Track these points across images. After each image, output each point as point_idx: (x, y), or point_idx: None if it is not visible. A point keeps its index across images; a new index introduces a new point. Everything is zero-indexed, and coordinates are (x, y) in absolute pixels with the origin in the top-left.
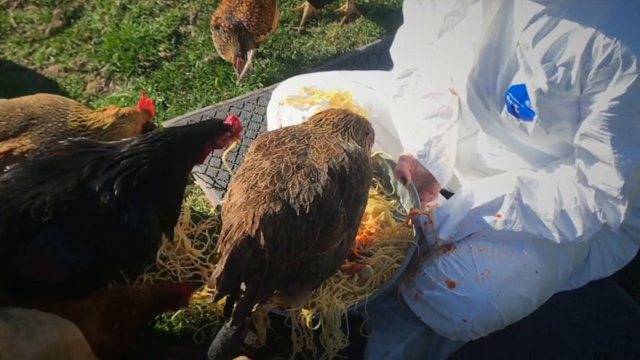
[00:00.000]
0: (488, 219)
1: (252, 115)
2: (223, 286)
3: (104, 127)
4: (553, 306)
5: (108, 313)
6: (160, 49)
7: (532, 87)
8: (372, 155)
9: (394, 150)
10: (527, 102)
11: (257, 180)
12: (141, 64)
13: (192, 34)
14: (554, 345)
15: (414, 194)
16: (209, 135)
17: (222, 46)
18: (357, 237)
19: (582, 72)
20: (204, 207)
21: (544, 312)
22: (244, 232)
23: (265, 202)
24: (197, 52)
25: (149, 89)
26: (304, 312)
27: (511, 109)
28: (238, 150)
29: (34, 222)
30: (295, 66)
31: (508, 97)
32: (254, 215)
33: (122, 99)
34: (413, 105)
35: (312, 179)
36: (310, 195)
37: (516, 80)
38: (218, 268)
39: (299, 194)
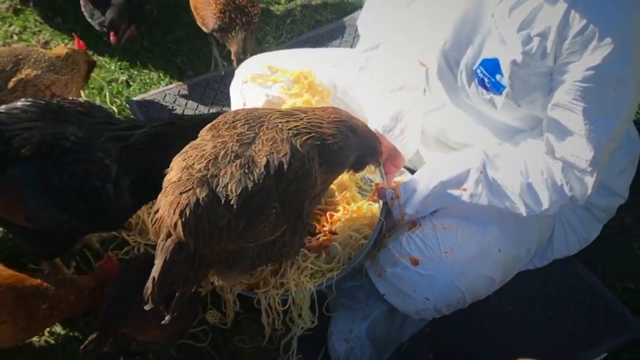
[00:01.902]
0: (454, 192)
1: (216, 94)
2: (156, 300)
3: (63, 56)
4: (517, 285)
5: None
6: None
7: (506, 58)
8: None
9: None
10: (497, 77)
11: (194, 162)
12: (104, 40)
13: (155, 12)
14: (517, 323)
15: (379, 168)
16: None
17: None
18: (323, 213)
19: (557, 42)
20: None
21: (507, 290)
22: (172, 241)
23: (192, 188)
24: (161, 30)
25: (113, 67)
26: (273, 292)
27: (481, 83)
28: None
29: (14, 151)
30: (259, 45)
31: (479, 71)
32: (176, 206)
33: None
34: (379, 78)
35: (246, 170)
36: (237, 187)
37: (488, 54)
38: (148, 284)
39: (227, 183)
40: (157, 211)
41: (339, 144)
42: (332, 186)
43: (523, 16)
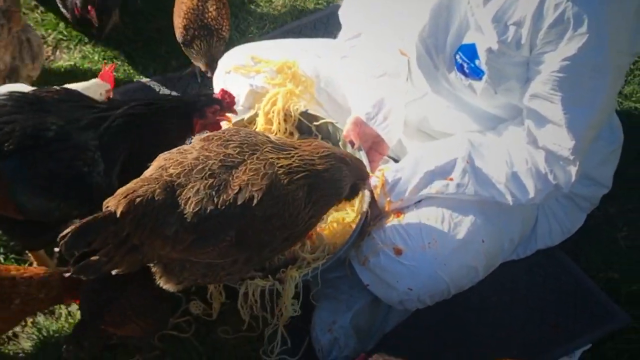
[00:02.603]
0: (440, 182)
1: (199, 87)
2: (68, 246)
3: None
4: (500, 275)
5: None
6: None
7: (483, 46)
8: (320, 122)
9: (341, 117)
10: (476, 62)
11: (171, 166)
12: (89, 30)
13: (139, 2)
14: (501, 314)
15: (363, 157)
16: (199, 105)
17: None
18: None
19: (532, 32)
20: None
21: (491, 281)
22: (116, 206)
23: (155, 184)
24: (145, 20)
25: (96, 57)
26: (259, 282)
27: (460, 68)
28: None
29: None
30: (242, 35)
31: (458, 57)
32: (131, 192)
33: (69, 68)
34: (361, 66)
35: (213, 192)
36: (196, 206)
37: (466, 39)
38: (71, 227)
39: (189, 198)
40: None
41: (334, 178)
42: None
43: (498, 5)
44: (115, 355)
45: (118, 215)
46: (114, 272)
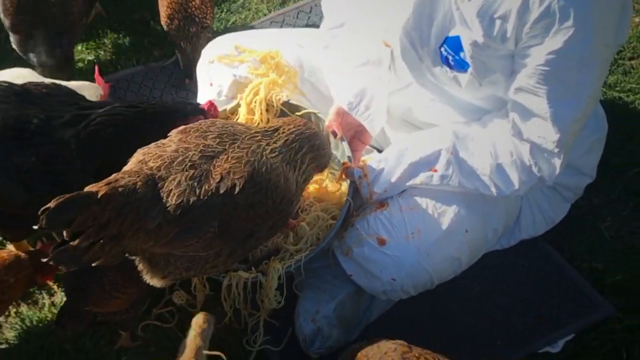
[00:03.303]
0: (425, 174)
1: (182, 76)
2: (49, 218)
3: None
4: (484, 266)
5: None
6: None
7: (467, 39)
8: (302, 113)
9: (324, 107)
10: (461, 54)
11: (150, 159)
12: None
13: None
14: (485, 304)
15: (346, 147)
16: (183, 114)
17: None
18: None
19: (518, 25)
20: None
21: (475, 271)
22: (97, 188)
23: (136, 177)
24: (128, 10)
25: (79, 47)
26: (242, 274)
27: (445, 61)
28: None
29: None
30: (225, 25)
31: (442, 49)
32: (113, 181)
33: None
34: (343, 55)
35: (195, 183)
36: (179, 197)
37: (451, 32)
38: (52, 201)
39: (171, 190)
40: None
41: (322, 143)
42: None
43: None
44: (100, 347)
45: (99, 196)
46: (94, 264)
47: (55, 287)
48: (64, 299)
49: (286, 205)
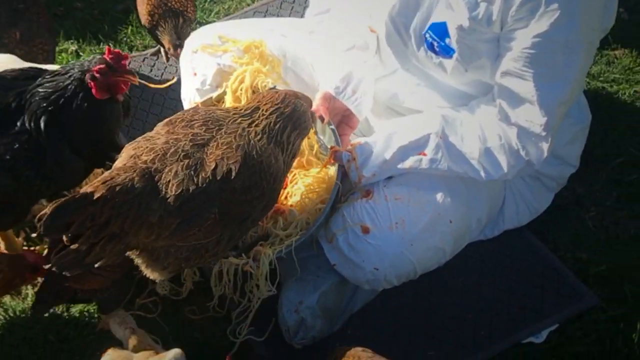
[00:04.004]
0: (414, 157)
1: (166, 67)
2: (46, 225)
3: None
4: (468, 256)
5: None
6: None
7: (453, 23)
8: None
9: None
10: (447, 40)
11: (142, 153)
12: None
13: None
14: (468, 295)
15: (333, 131)
16: (85, 70)
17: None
18: None
19: (503, 9)
20: None
21: (458, 262)
22: (93, 188)
23: (132, 172)
24: (111, 0)
25: (62, 37)
26: (233, 260)
27: (430, 47)
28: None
29: None
30: (208, 15)
31: (427, 35)
32: (109, 179)
33: None
34: (329, 39)
35: (192, 172)
36: (178, 187)
37: (436, 18)
38: (48, 207)
39: (169, 181)
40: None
41: (300, 112)
42: None
43: None
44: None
45: (95, 197)
46: (96, 266)
47: (39, 278)
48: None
49: (279, 184)
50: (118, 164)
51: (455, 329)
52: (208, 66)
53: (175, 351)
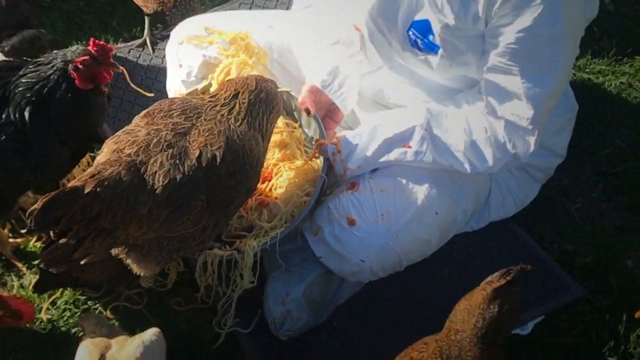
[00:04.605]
0: (398, 150)
1: (152, 58)
2: (37, 219)
3: None
4: (454, 248)
5: None
6: None
7: (438, 22)
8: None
9: (294, 88)
10: (430, 37)
11: (125, 146)
12: (41, 4)
13: None
14: (454, 286)
15: (319, 124)
16: (68, 61)
17: None
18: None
19: (487, 5)
20: None
21: (444, 253)
22: (82, 182)
23: (118, 166)
24: None
25: (46, 29)
26: (217, 252)
27: (414, 44)
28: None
29: None
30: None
31: (410, 33)
32: (97, 173)
33: None
34: (314, 34)
35: (177, 161)
36: (165, 177)
37: (419, 16)
38: (38, 202)
39: (155, 172)
40: None
41: (271, 94)
42: (272, 143)
43: None
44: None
45: (85, 191)
46: (82, 262)
47: (24, 269)
48: (33, 280)
49: (260, 167)
50: (101, 158)
51: (441, 320)
52: (194, 58)
53: (153, 330)
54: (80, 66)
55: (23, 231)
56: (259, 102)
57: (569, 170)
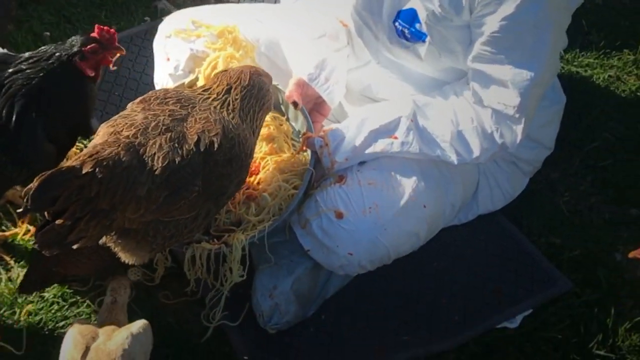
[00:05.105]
0: (385, 140)
1: (140, 50)
2: (33, 198)
3: None
4: (442, 241)
5: None
6: None
7: (424, 9)
8: None
9: (281, 81)
10: (417, 25)
11: (123, 129)
12: None
13: None
14: (442, 280)
15: (306, 117)
16: (75, 52)
17: None
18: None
19: None
20: None
21: (432, 247)
22: (80, 162)
23: (116, 147)
24: None
25: (34, 23)
26: (206, 245)
27: (401, 34)
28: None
29: None
30: (184, 0)
31: (397, 24)
32: (95, 153)
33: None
34: (300, 27)
35: (175, 144)
36: (164, 159)
37: (405, 5)
38: (35, 180)
39: (154, 154)
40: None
41: (262, 89)
42: (259, 138)
43: None
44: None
45: (84, 171)
46: (75, 247)
47: (12, 262)
48: (21, 274)
49: (251, 160)
50: (98, 140)
51: (429, 314)
52: (181, 51)
53: (142, 322)
54: (89, 54)
55: (19, 211)
56: (250, 97)
57: (557, 163)
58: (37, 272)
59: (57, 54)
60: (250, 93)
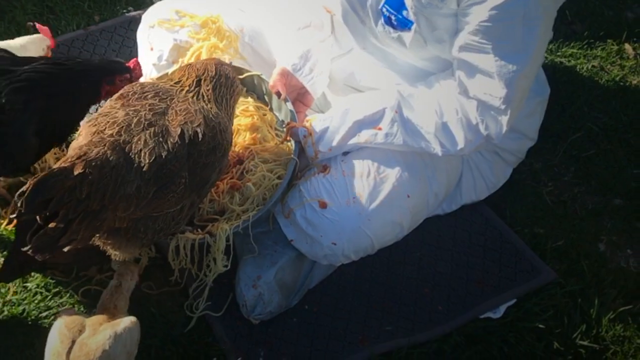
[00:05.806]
0: (369, 131)
1: (123, 40)
2: (27, 201)
3: None
4: (425, 231)
5: None
6: None
7: None
8: (246, 75)
9: (265, 71)
10: (404, 12)
11: (105, 128)
12: None
13: None
14: (426, 270)
15: (290, 107)
16: (108, 72)
17: None
18: (233, 154)
19: None
20: None
21: (416, 236)
22: (71, 163)
23: (103, 147)
24: None
25: (17, 13)
26: (190, 235)
27: (388, 21)
28: None
29: None
30: None
31: (384, 9)
32: (83, 154)
33: None
34: (285, 17)
35: (160, 139)
36: (151, 155)
37: None
38: (27, 184)
39: (140, 150)
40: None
41: (229, 77)
42: (242, 128)
43: None
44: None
45: (75, 172)
46: (66, 249)
47: None
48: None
49: (231, 146)
50: (81, 141)
51: (413, 303)
52: (165, 41)
53: (129, 320)
54: (118, 82)
55: (12, 216)
56: (220, 86)
57: (540, 153)
58: (16, 259)
59: (90, 71)
60: (220, 82)
